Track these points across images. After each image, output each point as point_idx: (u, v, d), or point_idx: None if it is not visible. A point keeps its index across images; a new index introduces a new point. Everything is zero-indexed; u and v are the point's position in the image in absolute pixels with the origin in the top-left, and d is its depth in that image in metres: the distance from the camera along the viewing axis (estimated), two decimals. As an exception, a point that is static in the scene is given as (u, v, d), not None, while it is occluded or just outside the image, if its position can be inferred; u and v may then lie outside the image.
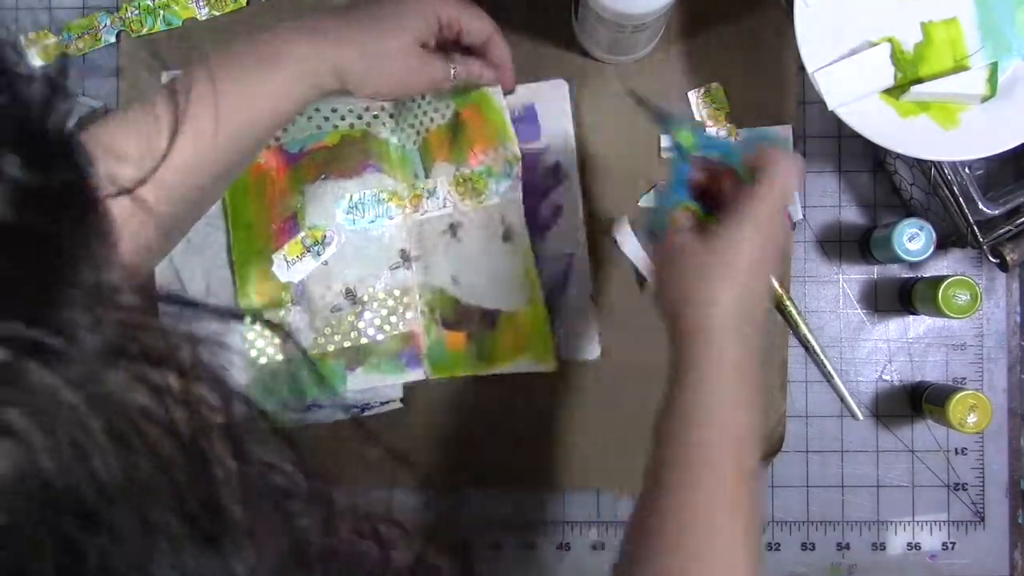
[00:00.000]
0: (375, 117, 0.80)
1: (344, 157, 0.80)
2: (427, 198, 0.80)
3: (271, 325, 0.70)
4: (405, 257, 0.80)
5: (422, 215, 0.80)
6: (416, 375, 0.81)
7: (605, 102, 0.82)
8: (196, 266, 0.80)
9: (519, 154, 0.79)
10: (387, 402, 0.81)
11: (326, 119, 0.80)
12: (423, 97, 0.80)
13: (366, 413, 0.81)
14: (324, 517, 0.37)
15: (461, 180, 0.79)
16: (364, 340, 0.80)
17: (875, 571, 0.83)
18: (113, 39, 0.84)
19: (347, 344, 0.80)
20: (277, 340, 0.79)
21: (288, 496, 0.35)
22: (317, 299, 0.79)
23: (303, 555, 0.35)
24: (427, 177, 0.80)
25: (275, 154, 0.79)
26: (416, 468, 0.83)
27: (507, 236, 0.79)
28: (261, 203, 0.79)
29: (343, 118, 0.80)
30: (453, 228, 0.80)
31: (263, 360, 0.79)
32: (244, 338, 0.79)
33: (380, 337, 0.80)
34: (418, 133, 0.80)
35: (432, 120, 0.80)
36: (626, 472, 0.82)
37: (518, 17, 0.82)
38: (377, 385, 0.80)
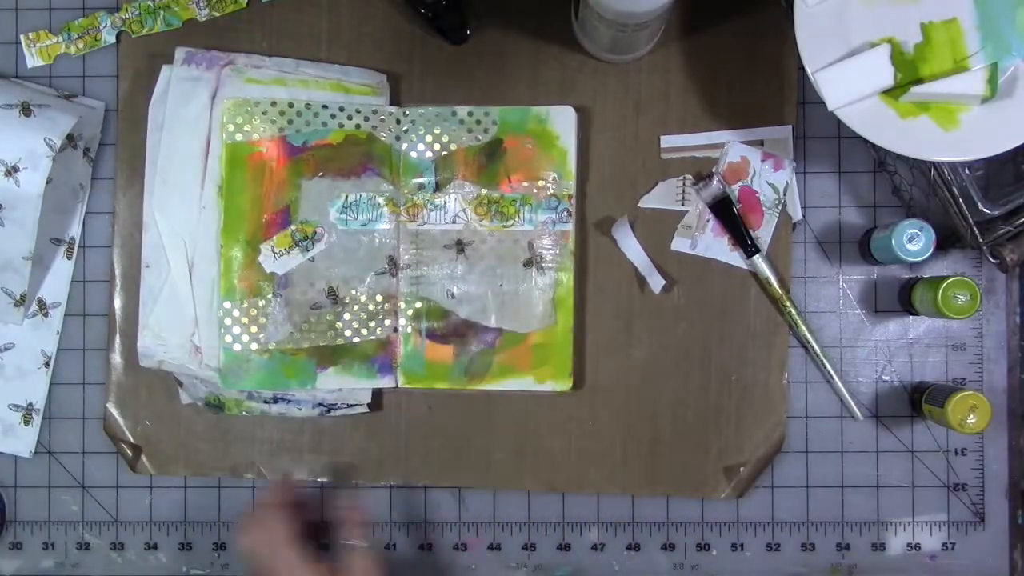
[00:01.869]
0: (382, 121, 0.81)
1: (345, 156, 0.80)
2: (430, 210, 0.81)
3: None
4: (393, 264, 0.81)
5: (419, 225, 0.81)
6: (387, 383, 0.81)
7: (606, 102, 0.82)
8: (181, 244, 0.80)
9: (573, 191, 0.80)
10: (354, 405, 0.81)
11: (332, 117, 0.80)
12: (454, 114, 0.81)
13: (332, 414, 0.82)
14: None
15: (486, 202, 0.80)
16: (340, 341, 0.80)
17: (875, 571, 0.83)
18: (113, 39, 0.84)
19: (322, 343, 0.80)
20: (254, 328, 0.79)
21: None
22: (299, 294, 0.80)
23: None
24: (437, 190, 0.80)
25: (277, 145, 0.80)
26: (414, 467, 0.83)
27: (529, 262, 0.80)
28: (257, 191, 0.80)
29: (350, 117, 0.80)
30: (460, 245, 0.80)
31: (237, 347, 0.79)
32: (221, 323, 0.79)
33: (356, 340, 0.80)
34: (441, 146, 0.80)
35: (462, 138, 0.81)
36: (626, 472, 0.82)
37: (518, 18, 0.82)
38: (346, 387, 0.81)
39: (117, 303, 0.83)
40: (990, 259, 0.76)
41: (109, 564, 0.84)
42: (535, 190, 0.81)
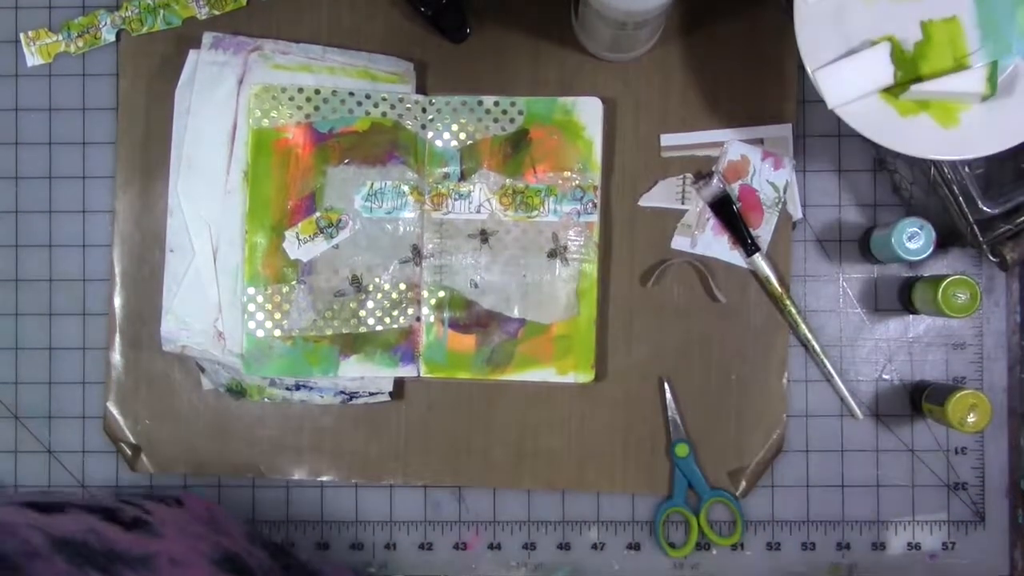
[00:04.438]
0: (408, 109, 0.81)
1: (371, 144, 0.80)
2: (455, 199, 0.81)
3: None
4: (416, 253, 0.81)
5: (443, 215, 0.81)
6: (408, 371, 0.81)
7: (605, 102, 0.82)
8: (206, 228, 0.81)
9: (599, 183, 0.80)
10: (376, 393, 0.81)
11: (359, 104, 0.80)
12: (480, 103, 0.81)
13: (354, 402, 0.82)
14: None
15: (511, 192, 0.80)
16: (363, 329, 0.80)
17: (875, 571, 0.83)
18: (113, 38, 0.84)
19: (345, 330, 0.80)
20: (277, 315, 0.79)
21: None
22: (323, 281, 0.80)
23: None
24: (462, 179, 0.80)
25: (304, 131, 0.80)
26: (414, 467, 0.83)
27: (553, 253, 0.81)
28: (282, 178, 0.80)
29: (376, 105, 0.80)
30: (484, 235, 0.81)
31: (260, 333, 0.79)
32: (244, 309, 0.79)
33: (379, 328, 0.80)
34: (466, 135, 0.81)
35: (488, 128, 0.81)
36: (626, 472, 0.82)
37: (518, 16, 0.82)
38: (368, 375, 0.81)
39: (117, 303, 0.83)
40: (990, 258, 0.76)
41: (108, 563, 0.84)
42: (560, 181, 0.81)
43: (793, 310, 0.81)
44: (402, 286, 0.81)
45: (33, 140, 0.84)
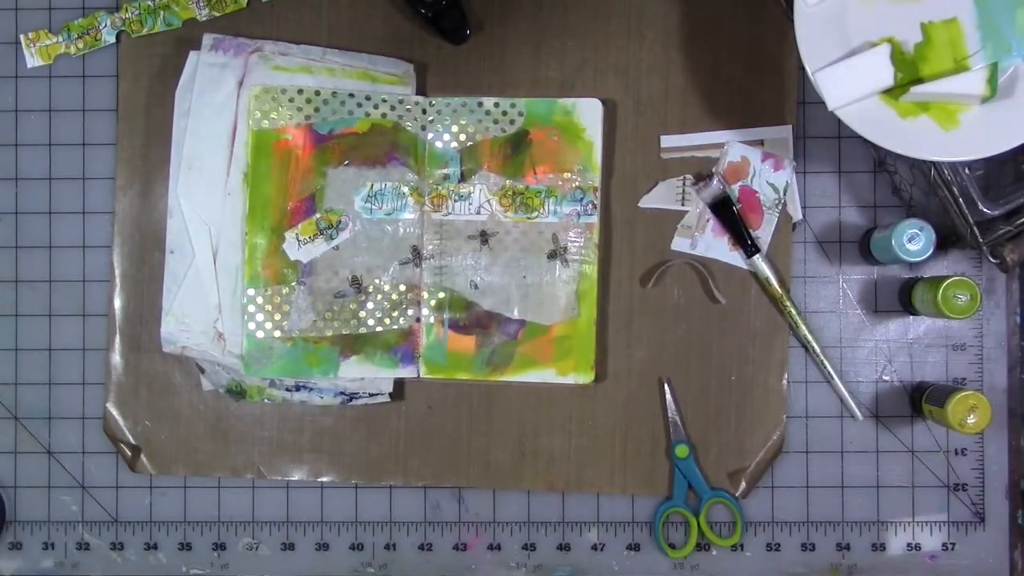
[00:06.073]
0: (408, 110, 0.81)
1: (371, 145, 0.81)
2: (455, 200, 0.81)
3: None
4: (416, 254, 0.81)
5: (443, 215, 0.81)
6: (408, 372, 0.81)
7: (605, 103, 0.82)
8: (206, 230, 0.81)
9: (599, 184, 0.80)
10: (376, 394, 0.82)
11: (359, 105, 0.80)
12: (480, 104, 0.81)
13: (354, 403, 0.82)
14: None
15: (511, 193, 0.80)
16: (362, 330, 0.80)
17: (875, 571, 0.83)
18: (113, 39, 0.84)
19: (345, 331, 0.80)
20: (277, 316, 0.79)
21: None
22: (323, 282, 0.80)
23: None
24: (462, 181, 0.80)
25: (304, 133, 0.80)
26: (414, 467, 0.83)
27: (553, 254, 0.81)
28: (282, 179, 0.80)
29: (376, 107, 0.80)
30: (484, 236, 0.81)
31: (260, 334, 0.79)
32: (244, 310, 0.79)
33: (379, 329, 0.80)
34: (466, 136, 0.81)
35: (488, 129, 0.81)
36: (626, 472, 0.82)
37: (518, 17, 0.82)
38: (368, 376, 0.81)
39: (117, 303, 0.83)
40: (990, 259, 0.76)
41: (109, 564, 0.84)
42: (560, 182, 0.81)
43: (793, 311, 0.81)
44: (402, 287, 0.81)
45: (33, 141, 0.84)
